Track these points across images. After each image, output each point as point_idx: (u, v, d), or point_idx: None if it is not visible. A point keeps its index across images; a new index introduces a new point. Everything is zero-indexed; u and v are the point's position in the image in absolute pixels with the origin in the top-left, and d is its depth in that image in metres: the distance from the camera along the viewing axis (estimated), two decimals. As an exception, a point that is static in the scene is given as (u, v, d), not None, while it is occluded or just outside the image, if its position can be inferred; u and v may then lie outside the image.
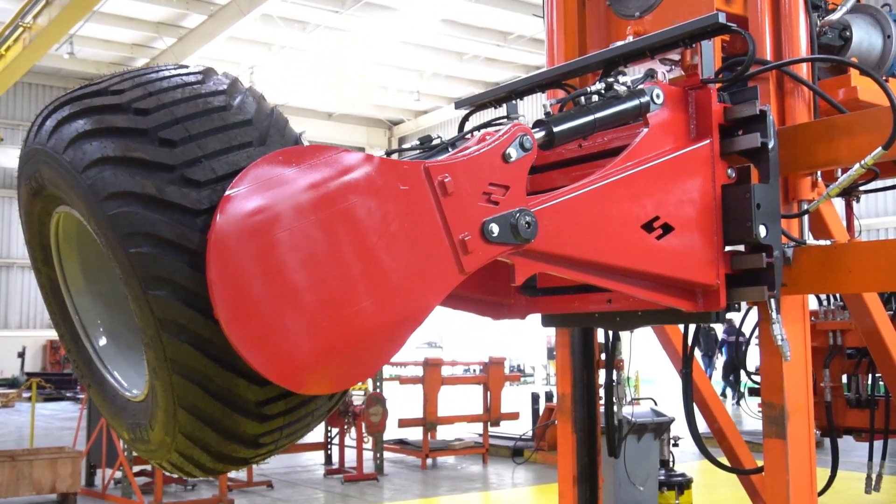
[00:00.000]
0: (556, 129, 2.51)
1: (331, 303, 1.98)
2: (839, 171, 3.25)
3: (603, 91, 2.72)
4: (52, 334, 33.15)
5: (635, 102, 2.70)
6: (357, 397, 14.06)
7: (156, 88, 2.12)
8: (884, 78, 3.60)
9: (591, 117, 2.62)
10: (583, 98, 2.72)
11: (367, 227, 2.05)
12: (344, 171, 2.06)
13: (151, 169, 1.98)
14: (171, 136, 2.02)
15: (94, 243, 2.28)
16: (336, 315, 1.99)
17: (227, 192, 1.94)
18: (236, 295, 1.90)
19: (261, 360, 1.91)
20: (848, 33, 3.58)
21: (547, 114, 2.61)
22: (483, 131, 2.98)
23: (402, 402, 17.23)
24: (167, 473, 2.47)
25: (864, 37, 3.65)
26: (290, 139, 2.21)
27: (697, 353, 4.12)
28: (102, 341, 2.58)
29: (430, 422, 13.30)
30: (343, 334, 2.01)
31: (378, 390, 12.89)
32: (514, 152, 2.34)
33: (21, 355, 30.85)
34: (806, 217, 3.15)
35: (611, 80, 2.75)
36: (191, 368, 1.99)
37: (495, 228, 2.26)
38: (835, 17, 3.50)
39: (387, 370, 16.61)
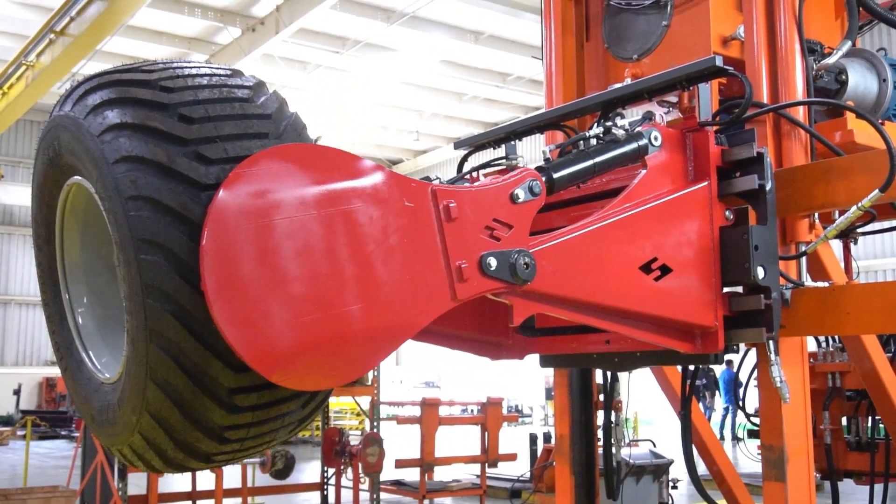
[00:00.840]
0: (555, 176, 2.52)
1: (318, 299, 1.99)
2: (836, 213, 3.26)
3: (601, 135, 2.74)
4: (49, 372, 33.02)
5: (633, 146, 2.72)
6: (354, 437, 13.97)
7: (184, 73, 2.22)
8: (880, 121, 3.63)
9: (590, 162, 2.64)
10: (581, 142, 2.74)
11: (366, 234, 2.07)
12: (353, 175, 2.10)
13: (166, 139, 2.05)
14: (191, 113, 2.09)
15: (97, 220, 2.30)
16: (321, 312, 1.99)
17: (236, 170, 1.98)
18: (226, 269, 1.91)
19: (238, 338, 1.90)
20: (844, 77, 3.61)
21: (547, 160, 2.63)
22: (493, 169, 3.01)
23: (400, 442, 17.13)
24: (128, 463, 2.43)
25: (861, 81, 3.68)
26: (305, 141, 2.27)
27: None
28: (86, 321, 2.61)
29: (427, 462, 13.19)
30: (325, 333, 2.00)
31: (375, 430, 12.81)
32: (521, 194, 2.37)
33: (17, 392, 30.67)
34: (804, 259, 3.15)
35: (609, 123, 2.77)
36: (168, 340, 2.00)
37: (493, 262, 2.27)
38: (831, 61, 3.53)
39: (384, 410, 16.52)
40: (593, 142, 2.73)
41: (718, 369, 23.79)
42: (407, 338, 2.15)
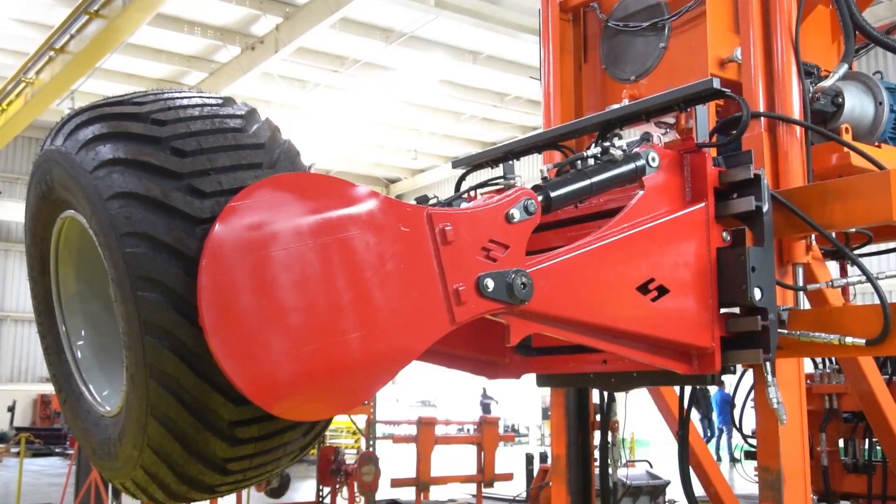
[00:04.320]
0: (553, 195, 2.53)
1: (316, 328, 1.98)
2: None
3: (599, 155, 2.75)
4: (44, 388, 32.89)
5: (631, 167, 2.73)
6: (349, 456, 13.92)
7: (175, 104, 2.20)
8: (877, 144, 3.65)
9: (587, 182, 2.64)
10: (579, 162, 2.75)
11: (362, 261, 2.06)
12: (348, 203, 2.09)
13: (159, 174, 2.03)
14: (184, 146, 2.07)
15: (92, 252, 2.29)
16: (320, 342, 1.99)
17: (231, 203, 1.97)
18: (223, 303, 1.91)
19: (238, 372, 1.89)
20: (840, 100, 3.64)
21: (544, 178, 2.63)
22: (487, 189, 3.01)
23: (395, 461, 17.06)
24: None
25: (857, 104, 3.70)
26: (299, 168, 2.26)
27: (694, 415, 4.10)
28: (84, 353, 2.59)
29: (423, 482, 13.14)
30: (324, 362, 2.00)
31: (371, 449, 12.76)
32: (517, 213, 2.37)
33: (11, 409, 30.53)
34: (801, 279, 3.16)
35: (607, 143, 2.78)
36: (168, 376, 1.98)
37: (490, 283, 2.27)
38: (827, 83, 3.55)
39: (380, 429, 16.47)
40: (591, 162, 2.74)
41: (712, 390, 23.74)
42: (407, 363, 2.15)
